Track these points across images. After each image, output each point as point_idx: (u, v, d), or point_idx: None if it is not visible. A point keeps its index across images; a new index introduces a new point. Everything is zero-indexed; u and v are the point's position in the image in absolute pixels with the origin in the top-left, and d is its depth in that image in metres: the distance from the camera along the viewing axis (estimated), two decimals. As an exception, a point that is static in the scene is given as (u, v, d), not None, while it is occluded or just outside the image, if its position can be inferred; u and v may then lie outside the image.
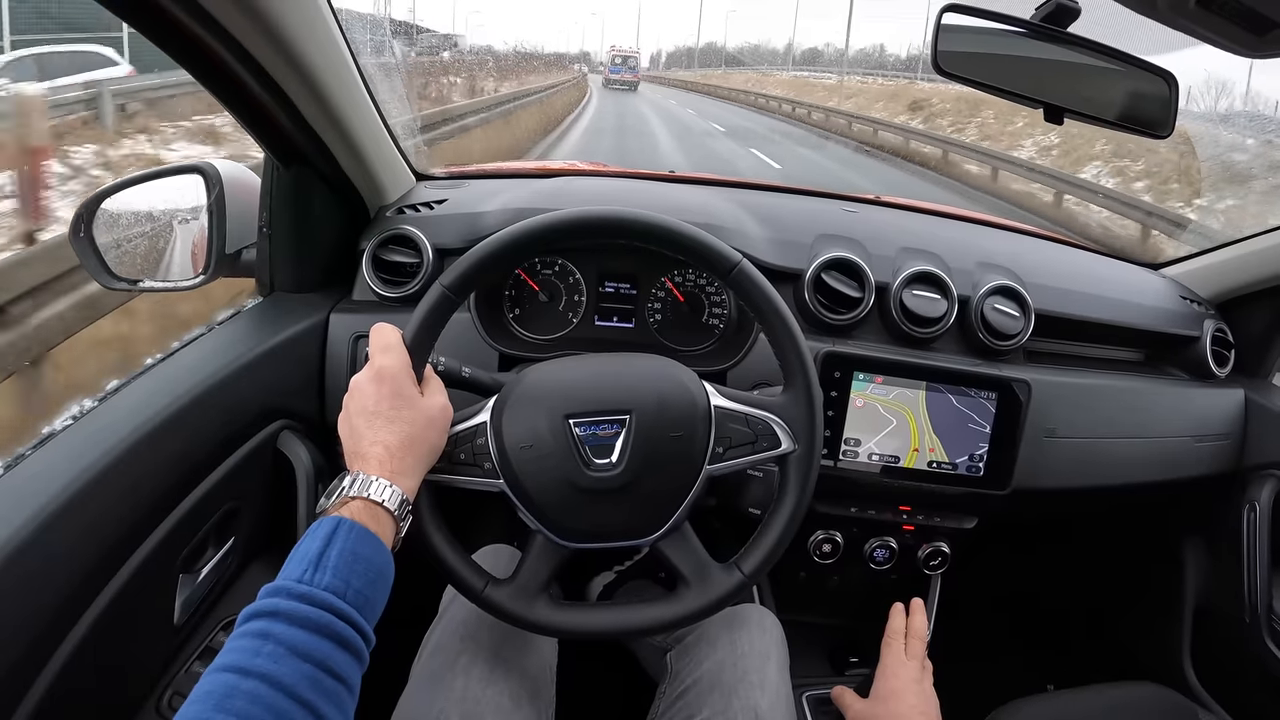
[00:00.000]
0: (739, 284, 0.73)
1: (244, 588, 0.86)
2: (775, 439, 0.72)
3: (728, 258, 0.72)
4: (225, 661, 0.48)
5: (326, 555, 0.53)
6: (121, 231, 0.94)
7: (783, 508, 0.73)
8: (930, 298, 1.02)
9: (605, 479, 0.69)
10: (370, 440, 0.62)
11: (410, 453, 0.63)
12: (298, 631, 0.49)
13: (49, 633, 0.59)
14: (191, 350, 0.85)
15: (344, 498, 0.58)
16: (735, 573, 0.72)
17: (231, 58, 0.72)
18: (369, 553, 0.55)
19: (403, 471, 0.61)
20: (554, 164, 1.37)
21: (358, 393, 0.65)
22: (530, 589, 0.72)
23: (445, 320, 0.70)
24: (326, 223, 1.00)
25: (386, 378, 0.64)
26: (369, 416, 0.63)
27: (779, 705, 0.79)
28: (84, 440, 0.67)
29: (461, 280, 0.70)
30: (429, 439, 0.65)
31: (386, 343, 0.67)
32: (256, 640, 0.48)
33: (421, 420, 0.65)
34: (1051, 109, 0.83)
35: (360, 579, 0.53)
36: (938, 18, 0.80)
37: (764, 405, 0.73)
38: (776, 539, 0.72)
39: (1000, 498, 1.03)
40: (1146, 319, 1.17)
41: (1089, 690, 1.00)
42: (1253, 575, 1.14)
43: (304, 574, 0.52)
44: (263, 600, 0.51)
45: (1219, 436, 1.17)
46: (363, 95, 0.91)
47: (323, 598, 0.51)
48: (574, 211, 0.72)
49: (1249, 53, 0.67)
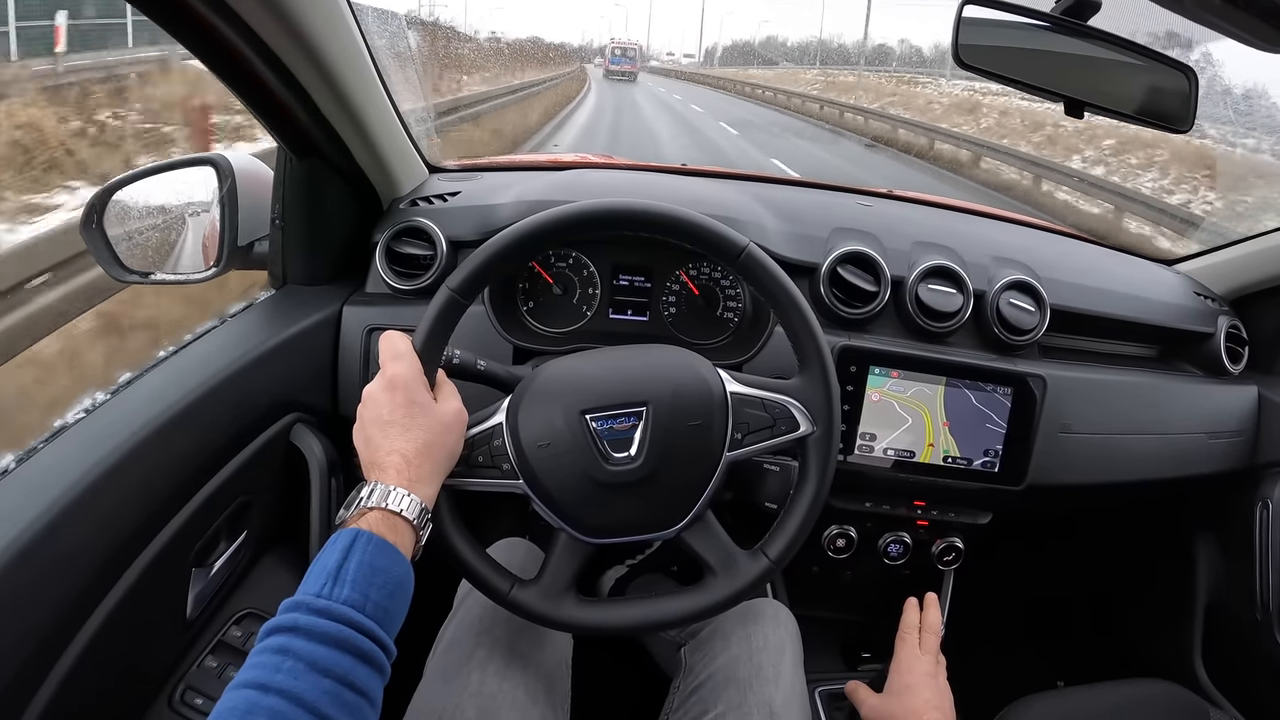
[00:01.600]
0: (748, 268, 0.72)
1: (256, 581, 0.86)
2: (794, 422, 0.72)
3: (735, 242, 0.71)
4: (246, 678, 0.48)
5: (345, 568, 0.53)
6: (134, 223, 0.93)
7: (805, 491, 0.73)
8: (946, 292, 1.02)
9: (625, 472, 0.69)
10: (387, 450, 0.61)
11: (428, 460, 0.63)
12: (317, 647, 0.49)
13: (63, 627, 0.59)
14: (203, 343, 0.85)
15: (362, 509, 0.58)
16: (761, 559, 0.72)
17: (249, 50, 0.72)
18: (387, 564, 0.55)
19: (420, 480, 0.61)
20: (566, 157, 1.37)
21: (371, 402, 0.64)
22: (556, 588, 0.72)
23: (455, 323, 0.70)
24: (339, 215, 1.00)
25: (399, 386, 0.64)
26: (384, 426, 0.63)
27: (793, 700, 0.79)
28: (96, 434, 0.67)
29: (468, 282, 0.70)
30: (446, 445, 0.65)
31: (397, 350, 0.66)
32: (276, 656, 0.48)
33: (438, 426, 0.64)
34: (1072, 102, 0.82)
35: (379, 591, 0.53)
36: (958, 10, 0.80)
37: (781, 389, 0.73)
38: (800, 523, 0.72)
39: (1015, 493, 1.03)
40: (1161, 315, 1.17)
41: (1100, 687, 1.00)
42: (1265, 573, 1.14)
43: (323, 588, 0.52)
44: (282, 615, 0.51)
45: (1233, 433, 1.16)
46: (378, 88, 0.91)
47: (341, 612, 0.51)
48: (578, 205, 0.71)
49: (1273, 48, 0.66)
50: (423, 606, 0.78)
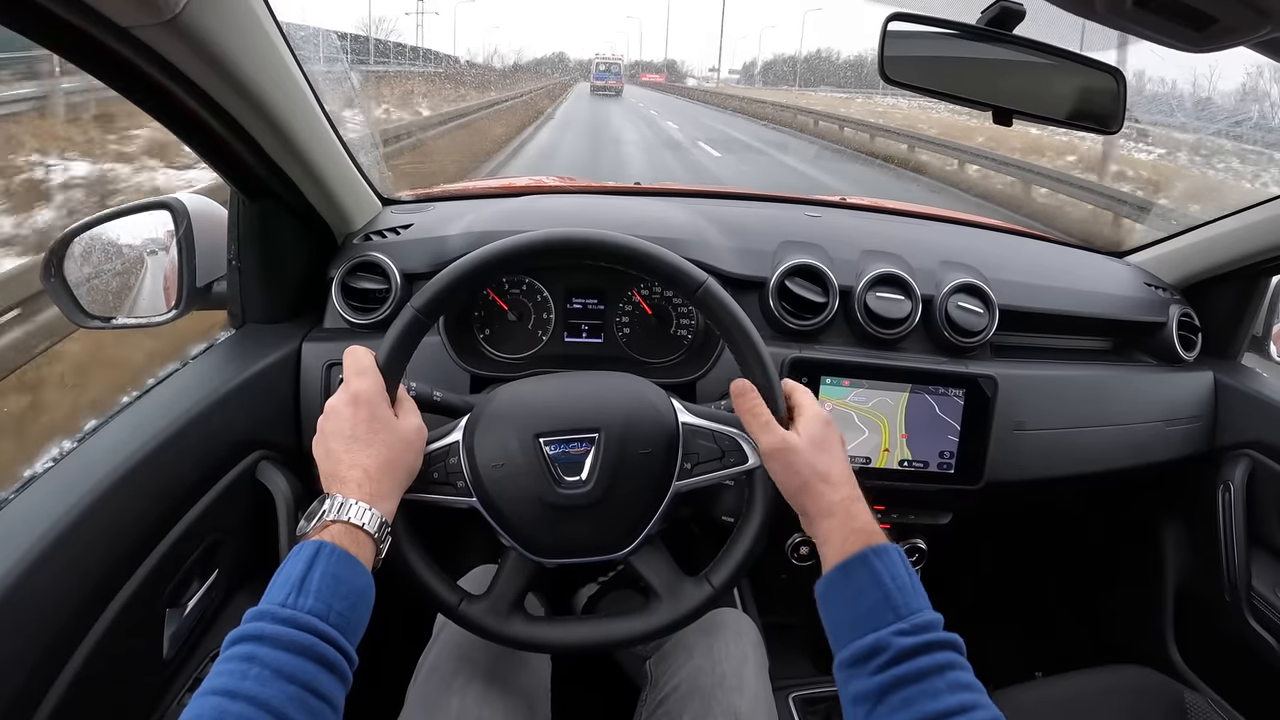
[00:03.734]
0: (705, 303, 0.74)
1: (230, 618, 0.87)
2: (742, 454, 0.73)
3: (693, 277, 0.73)
4: (213, 685, 0.49)
5: (309, 579, 0.54)
6: (93, 268, 0.94)
7: (750, 522, 0.74)
8: (894, 299, 1.04)
9: (576, 496, 0.70)
10: (349, 464, 0.62)
11: (389, 476, 0.64)
12: (282, 654, 0.50)
13: (39, 675, 0.60)
14: (166, 386, 0.86)
15: (323, 522, 0.59)
16: (705, 586, 0.73)
17: (189, 98, 0.73)
18: (350, 575, 0.56)
19: (381, 495, 0.62)
20: (520, 181, 1.38)
21: (334, 416, 0.65)
22: (504, 604, 0.73)
23: (417, 342, 0.71)
24: (295, 253, 1.01)
25: (363, 401, 0.65)
26: (346, 440, 0.63)
27: (759, 707, 0.80)
28: (64, 482, 0.67)
29: (432, 302, 0.71)
30: (406, 461, 0.66)
31: (361, 366, 0.67)
32: (243, 664, 0.49)
33: (399, 443, 0.65)
34: (1000, 111, 0.84)
35: (342, 601, 0.55)
36: (883, 26, 0.81)
37: (730, 421, 0.74)
38: (745, 552, 0.73)
39: (973, 492, 1.04)
40: (1112, 308, 1.19)
41: (1077, 675, 1.01)
42: (1230, 554, 1.16)
43: (287, 597, 0.53)
44: (247, 624, 0.52)
45: (1190, 419, 1.18)
46: (323, 125, 0.92)
47: (306, 620, 0.52)
48: (544, 233, 0.73)
49: (1191, 48, 0.68)
50: (402, 635, 0.79)
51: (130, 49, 0.63)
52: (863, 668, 0.57)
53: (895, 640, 0.56)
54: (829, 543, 0.65)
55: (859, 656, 0.57)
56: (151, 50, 0.64)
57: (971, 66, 0.84)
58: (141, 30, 0.61)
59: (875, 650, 0.56)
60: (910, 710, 0.53)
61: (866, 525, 0.64)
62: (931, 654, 0.55)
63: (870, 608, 0.59)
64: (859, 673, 0.57)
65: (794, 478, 0.67)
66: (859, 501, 0.66)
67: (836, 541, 0.64)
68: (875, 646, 0.57)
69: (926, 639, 0.56)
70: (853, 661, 0.58)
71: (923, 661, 0.55)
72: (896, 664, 0.55)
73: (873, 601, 0.59)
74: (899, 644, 0.56)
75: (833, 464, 0.67)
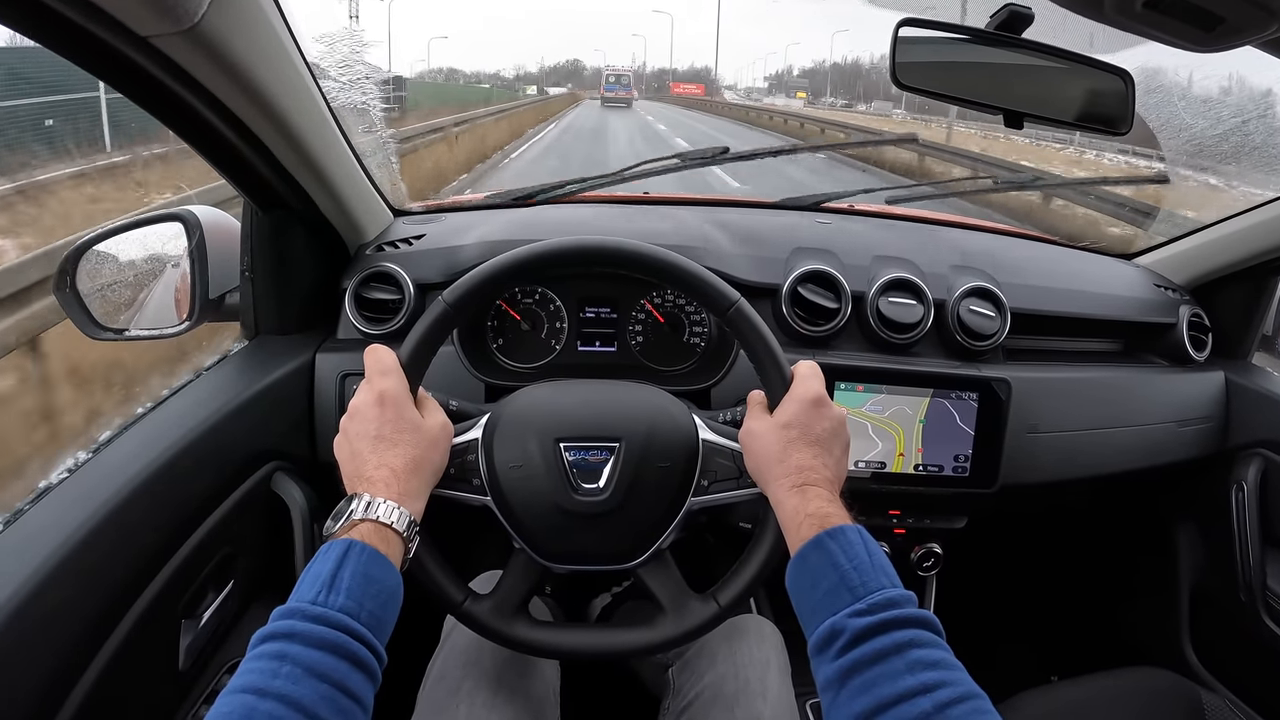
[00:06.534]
0: (735, 323, 0.73)
1: (245, 630, 0.86)
2: None
3: (727, 296, 0.72)
4: (243, 683, 0.48)
5: (339, 577, 0.54)
6: (105, 280, 0.95)
7: (762, 543, 0.73)
8: (906, 304, 1.04)
9: (592, 504, 0.70)
10: (375, 464, 0.62)
11: (416, 475, 0.63)
12: (314, 652, 0.50)
13: (56, 686, 0.59)
14: (181, 397, 0.86)
15: (351, 520, 0.58)
16: (711, 604, 0.73)
17: (204, 107, 0.74)
18: (380, 574, 0.56)
19: (409, 494, 0.62)
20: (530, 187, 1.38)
21: (359, 416, 0.65)
22: (509, 605, 0.73)
23: (443, 338, 0.71)
24: (308, 264, 1.02)
25: (389, 400, 0.64)
26: (372, 440, 0.63)
27: (782, 712, 0.80)
28: (80, 494, 0.67)
29: (464, 298, 0.70)
30: (433, 460, 0.66)
31: (385, 365, 0.67)
32: (274, 662, 0.49)
33: (425, 442, 0.65)
34: (1011, 114, 0.84)
35: (373, 600, 0.54)
36: (894, 32, 0.82)
37: None
38: (755, 573, 0.73)
39: (988, 495, 1.04)
40: (1122, 310, 1.19)
41: (1092, 678, 1.00)
42: (1245, 554, 1.15)
43: (317, 595, 0.52)
44: (277, 622, 0.51)
45: (1202, 420, 1.18)
46: (336, 137, 0.93)
47: (337, 619, 0.51)
48: (582, 239, 0.72)
49: (1199, 48, 0.68)
50: (411, 639, 0.79)
51: (148, 58, 0.64)
52: (825, 654, 0.55)
53: (850, 622, 0.53)
54: (788, 531, 0.63)
55: (820, 643, 0.55)
56: (169, 59, 0.65)
57: (982, 70, 0.85)
58: (160, 39, 0.62)
59: (833, 635, 0.54)
60: (869, 695, 0.50)
61: (821, 509, 0.61)
62: (889, 633, 0.52)
63: (827, 591, 0.56)
64: (823, 660, 0.55)
65: (754, 462, 0.68)
66: (817, 486, 0.63)
67: (793, 529, 0.62)
68: (833, 631, 0.54)
69: (882, 618, 0.53)
70: (817, 649, 0.56)
71: (880, 642, 0.52)
72: (853, 647, 0.53)
73: (830, 585, 0.57)
74: (854, 625, 0.53)
75: (792, 451, 0.65)
